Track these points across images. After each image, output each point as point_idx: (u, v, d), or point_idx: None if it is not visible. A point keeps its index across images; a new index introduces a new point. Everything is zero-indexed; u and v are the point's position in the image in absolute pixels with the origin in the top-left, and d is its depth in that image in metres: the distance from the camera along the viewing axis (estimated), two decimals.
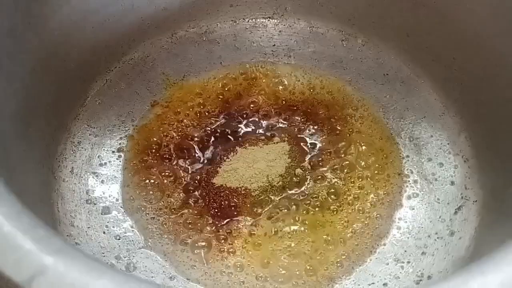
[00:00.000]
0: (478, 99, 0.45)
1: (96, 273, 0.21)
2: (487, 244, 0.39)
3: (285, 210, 0.43)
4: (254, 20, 0.53)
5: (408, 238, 0.42)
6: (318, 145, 0.46)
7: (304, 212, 0.43)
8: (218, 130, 0.47)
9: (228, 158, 0.46)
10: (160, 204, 0.43)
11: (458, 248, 0.41)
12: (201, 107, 0.48)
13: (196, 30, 0.52)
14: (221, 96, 0.49)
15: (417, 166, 0.45)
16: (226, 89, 0.49)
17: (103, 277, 0.21)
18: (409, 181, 0.45)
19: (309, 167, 0.45)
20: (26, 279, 0.21)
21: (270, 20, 0.53)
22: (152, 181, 0.44)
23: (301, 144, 0.46)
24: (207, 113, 0.48)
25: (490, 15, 0.42)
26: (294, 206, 0.43)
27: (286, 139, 0.47)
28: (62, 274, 0.21)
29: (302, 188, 0.44)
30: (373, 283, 0.40)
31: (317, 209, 0.43)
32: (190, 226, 0.42)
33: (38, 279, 0.20)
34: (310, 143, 0.46)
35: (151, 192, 0.44)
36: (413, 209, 0.43)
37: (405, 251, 0.42)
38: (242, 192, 0.44)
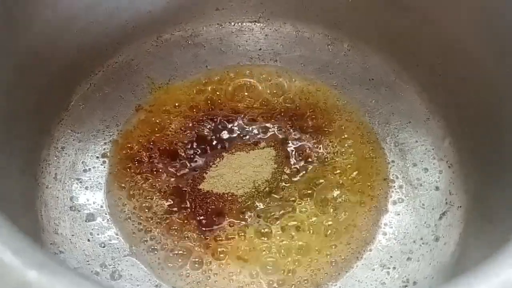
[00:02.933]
0: (462, 105, 0.45)
1: (79, 287, 0.21)
2: (472, 249, 0.40)
3: (272, 216, 0.43)
4: (240, 23, 0.53)
5: (393, 243, 0.42)
6: (304, 150, 0.46)
7: (290, 218, 0.43)
8: (204, 135, 0.47)
9: (214, 164, 0.45)
10: (146, 210, 0.43)
11: (443, 254, 0.41)
12: (187, 111, 0.48)
13: (182, 34, 0.52)
14: (206, 101, 0.49)
15: (402, 171, 0.46)
16: (211, 93, 0.49)
17: None
18: (394, 186, 0.45)
19: (295, 172, 0.45)
20: None
21: (256, 24, 0.53)
22: (137, 187, 0.44)
23: (287, 149, 0.46)
24: (192, 118, 0.47)
25: (472, 22, 0.43)
26: (280, 212, 0.43)
27: (272, 144, 0.47)
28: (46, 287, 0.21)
29: (288, 194, 0.44)
30: None
31: (302, 214, 0.43)
32: (176, 232, 0.42)
33: None
34: (296, 148, 0.46)
35: (136, 198, 0.43)
36: (399, 214, 0.44)
37: (391, 256, 0.42)
38: (229, 198, 0.44)
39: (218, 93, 0.49)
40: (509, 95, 0.40)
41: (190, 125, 0.47)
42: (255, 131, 0.47)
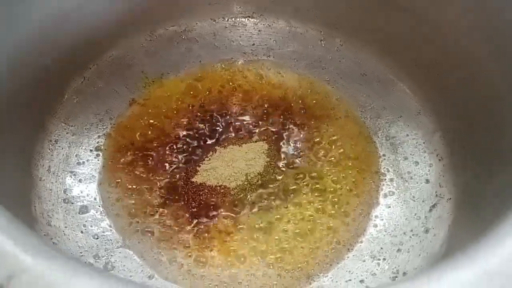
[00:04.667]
0: (452, 99, 0.46)
1: (74, 272, 0.21)
2: (461, 241, 0.40)
3: (264, 209, 0.43)
4: (233, 19, 0.53)
5: (384, 235, 0.43)
6: (297, 144, 0.47)
7: (282, 210, 0.43)
8: (197, 129, 0.47)
9: (207, 157, 0.46)
10: (139, 203, 0.43)
11: (432, 245, 0.41)
12: (180, 105, 0.48)
13: (175, 29, 0.52)
14: (200, 95, 0.49)
15: (394, 164, 0.46)
16: (205, 88, 0.49)
17: (82, 277, 0.21)
18: (385, 179, 0.45)
19: (287, 165, 0.46)
20: (4, 278, 0.20)
21: (250, 19, 0.53)
22: (131, 179, 0.44)
23: (280, 143, 0.47)
24: (186, 112, 0.48)
25: (464, 17, 0.43)
26: (272, 204, 0.44)
27: (264, 138, 0.47)
28: (40, 274, 0.21)
29: (281, 187, 0.44)
30: (350, 280, 0.41)
31: (295, 207, 0.44)
32: (169, 224, 0.42)
33: (16, 279, 0.20)
34: (289, 142, 0.47)
35: (129, 191, 0.44)
36: (389, 207, 0.44)
37: (381, 248, 0.42)
38: (221, 190, 0.44)
39: (211, 87, 0.50)
40: (500, 89, 0.41)
41: (183, 119, 0.47)
42: (248, 125, 0.48)
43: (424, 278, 0.25)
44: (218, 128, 0.47)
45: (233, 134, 0.47)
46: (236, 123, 0.48)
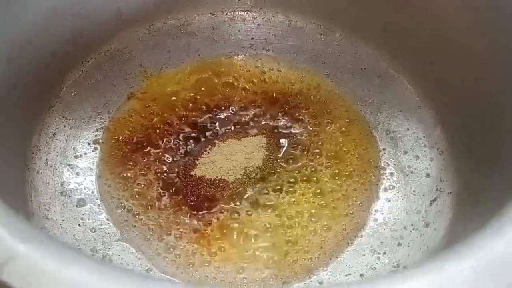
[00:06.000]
0: (453, 93, 0.46)
1: (69, 260, 0.21)
2: (461, 235, 0.39)
3: (263, 202, 0.43)
4: (232, 13, 0.53)
5: (384, 229, 0.43)
6: (296, 138, 0.46)
7: (281, 204, 0.43)
8: (196, 123, 0.47)
9: (206, 151, 0.45)
10: (137, 196, 0.43)
11: (433, 239, 0.41)
12: (179, 99, 0.48)
13: (174, 22, 0.52)
14: (198, 89, 0.49)
15: (394, 159, 0.46)
16: (204, 81, 0.49)
17: (76, 264, 0.20)
18: (385, 173, 0.45)
19: (287, 159, 0.45)
20: None
21: (249, 13, 0.53)
22: (129, 173, 0.44)
23: (279, 137, 0.47)
24: (184, 106, 0.48)
25: (464, 10, 0.43)
26: (271, 198, 0.43)
27: (263, 132, 0.47)
28: (34, 260, 0.21)
29: (279, 181, 0.44)
30: (349, 274, 0.41)
31: (294, 201, 0.43)
32: (167, 218, 0.42)
33: (9, 266, 0.20)
34: (288, 136, 0.47)
35: (127, 185, 0.43)
36: (390, 201, 0.44)
37: (382, 242, 0.42)
38: (220, 184, 0.44)
39: (210, 81, 0.49)
40: (500, 83, 0.41)
41: (182, 113, 0.47)
42: (247, 119, 0.47)
43: (424, 268, 0.25)
44: (217, 122, 0.47)
45: (232, 128, 0.47)
46: (235, 117, 0.47)
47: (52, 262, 0.21)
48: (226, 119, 0.47)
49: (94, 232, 0.41)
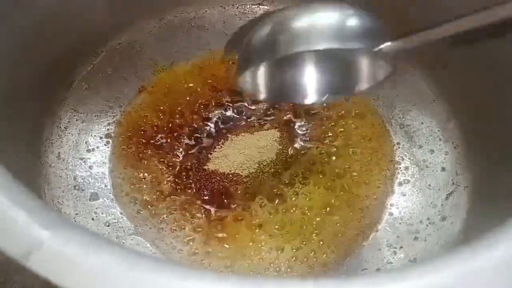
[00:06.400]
0: (467, 87, 0.45)
1: (95, 247, 0.20)
2: (478, 229, 0.39)
3: (276, 197, 0.43)
4: (243, 6, 0.52)
5: (400, 224, 0.42)
6: (309, 132, 0.46)
7: (295, 199, 0.43)
8: (208, 117, 0.46)
9: (219, 144, 0.45)
10: (150, 190, 0.42)
11: (449, 233, 0.41)
12: (190, 93, 0.47)
13: (185, 16, 0.51)
14: (210, 82, 0.48)
15: (408, 153, 0.45)
16: (215, 75, 0.49)
17: (102, 251, 0.20)
18: (400, 168, 0.45)
19: (300, 154, 0.45)
20: (23, 254, 0.20)
21: (260, 6, 0.52)
22: (142, 167, 0.43)
23: (292, 131, 0.46)
24: (196, 100, 0.47)
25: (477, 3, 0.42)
26: (285, 193, 0.43)
27: (276, 126, 0.46)
28: (59, 248, 0.20)
29: (293, 175, 0.44)
30: (366, 269, 0.40)
31: (308, 195, 0.43)
32: (180, 212, 0.42)
33: (35, 254, 0.20)
34: (301, 130, 0.46)
35: (140, 179, 0.43)
36: (405, 195, 0.43)
37: (398, 236, 0.41)
38: (234, 178, 0.43)
39: (221, 75, 0.49)
40: None
41: (194, 106, 0.47)
42: (259, 113, 0.47)
43: (439, 264, 0.24)
44: (229, 116, 0.47)
45: (244, 122, 0.46)
46: (248, 111, 0.47)
47: (79, 249, 0.20)
48: (239, 113, 0.47)
49: (108, 226, 0.41)
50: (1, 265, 0.39)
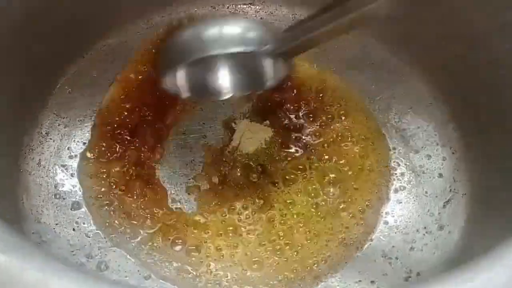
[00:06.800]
0: (466, 89, 0.44)
1: (54, 272, 0.19)
2: (477, 238, 0.38)
3: (269, 205, 0.41)
4: (234, 6, 0.51)
5: (395, 233, 0.41)
6: (303, 135, 0.44)
7: (289, 206, 0.41)
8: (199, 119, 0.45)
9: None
10: (131, 199, 0.41)
11: (447, 243, 0.39)
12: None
13: (174, 16, 0.49)
14: None
15: (404, 158, 0.44)
16: None
17: (62, 278, 0.18)
18: (396, 174, 0.43)
19: (294, 158, 0.43)
20: None
21: (251, 6, 0.51)
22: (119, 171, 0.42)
23: (286, 133, 0.44)
24: (183, 103, 0.45)
25: (476, 5, 0.41)
26: (278, 200, 0.41)
27: (271, 127, 0.45)
28: (16, 273, 0.18)
29: (287, 181, 0.42)
30: (360, 281, 0.39)
31: (301, 202, 0.41)
32: (166, 223, 0.40)
33: None
34: (294, 133, 0.44)
35: (117, 183, 0.41)
36: (401, 202, 0.42)
37: (393, 246, 0.40)
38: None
39: None
40: None
41: (185, 110, 0.45)
42: (252, 115, 0.45)
43: (443, 281, 0.23)
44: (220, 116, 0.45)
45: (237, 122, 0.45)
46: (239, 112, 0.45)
47: (37, 274, 0.19)
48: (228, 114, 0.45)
49: (90, 237, 0.39)
50: None
